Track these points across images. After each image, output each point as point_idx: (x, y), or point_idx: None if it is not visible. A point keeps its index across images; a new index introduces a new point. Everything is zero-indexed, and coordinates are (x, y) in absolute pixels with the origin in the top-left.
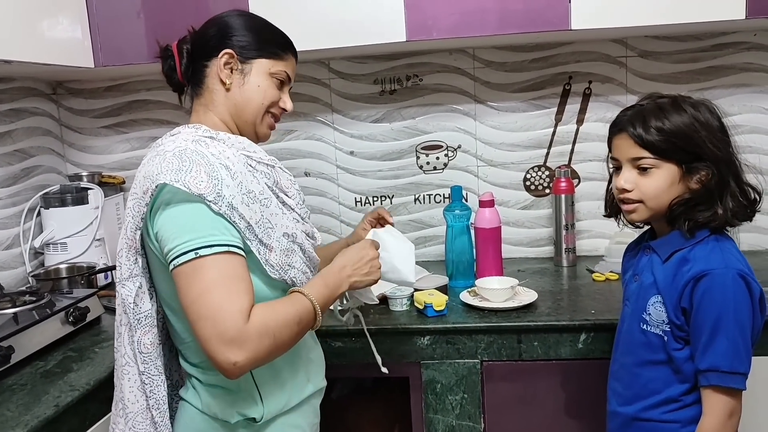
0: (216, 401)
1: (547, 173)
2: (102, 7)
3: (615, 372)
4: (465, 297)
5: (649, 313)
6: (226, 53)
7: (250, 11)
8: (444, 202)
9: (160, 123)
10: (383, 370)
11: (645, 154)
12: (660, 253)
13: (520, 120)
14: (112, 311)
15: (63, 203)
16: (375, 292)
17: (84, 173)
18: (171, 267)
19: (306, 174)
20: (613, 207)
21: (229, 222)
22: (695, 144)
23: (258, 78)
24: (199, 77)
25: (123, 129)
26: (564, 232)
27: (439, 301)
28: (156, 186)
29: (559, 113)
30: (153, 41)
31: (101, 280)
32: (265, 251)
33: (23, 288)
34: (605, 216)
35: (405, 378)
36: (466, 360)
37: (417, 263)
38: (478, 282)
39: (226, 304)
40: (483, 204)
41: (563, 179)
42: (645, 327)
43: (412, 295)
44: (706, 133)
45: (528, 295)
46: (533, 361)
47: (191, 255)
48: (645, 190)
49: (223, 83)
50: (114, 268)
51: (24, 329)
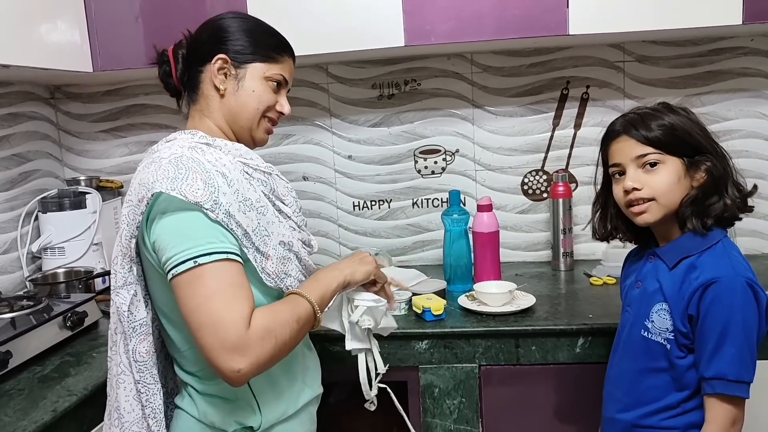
0: (213, 410)
1: (545, 177)
2: (101, 12)
3: (613, 377)
4: (463, 301)
5: (652, 321)
6: (219, 58)
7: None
8: (442, 206)
9: (158, 127)
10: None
11: (650, 150)
12: (666, 260)
13: (517, 124)
14: (109, 316)
15: (61, 207)
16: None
17: (82, 177)
18: (170, 276)
19: (304, 178)
20: (607, 225)
21: (227, 229)
22: (694, 138)
23: (252, 82)
24: (195, 83)
25: (121, 133)
26: (561, 236)
27: (437, 306)
28: (152, 194)
29: (557, 118)
30: (151, 46)
31: (99, 284)
32: (262, 259)
33: (21, 292)
34: (597, 239)
35: (403, 382)
36: (464, 364)
37: (415, 267)
38: (476, 286)
39: (227, 312)
40: (481, 208)
41: (561, 183)
42: (646, 334)
43: (410, 300)
44: (699, 130)
45: (526, 300)
46: (531, 366)
47: (190, 264)
48: (655, 185)
49: (218, 89)
50: None
51: (21, 334)
